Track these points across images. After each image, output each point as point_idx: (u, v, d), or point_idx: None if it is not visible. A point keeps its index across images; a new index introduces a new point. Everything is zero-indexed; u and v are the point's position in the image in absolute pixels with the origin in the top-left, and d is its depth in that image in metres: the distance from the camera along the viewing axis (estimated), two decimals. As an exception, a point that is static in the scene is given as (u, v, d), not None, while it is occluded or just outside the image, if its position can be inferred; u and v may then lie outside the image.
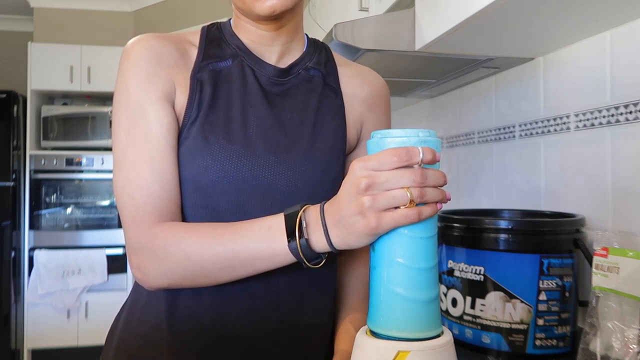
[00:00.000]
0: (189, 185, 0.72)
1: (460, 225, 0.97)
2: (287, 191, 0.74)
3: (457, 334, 0.97)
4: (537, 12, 0.98)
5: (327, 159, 0.78)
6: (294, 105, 0.78)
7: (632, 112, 1.03)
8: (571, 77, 1.21)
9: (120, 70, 0.73)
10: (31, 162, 3.47)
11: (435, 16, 1.15)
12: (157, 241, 0.67)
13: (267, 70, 0.79)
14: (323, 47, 0.87)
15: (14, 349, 3.39)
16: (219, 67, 0.77)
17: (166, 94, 0.72)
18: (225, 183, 0.71)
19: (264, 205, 0.73)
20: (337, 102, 0.82)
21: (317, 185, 0.76)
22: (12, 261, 3.40)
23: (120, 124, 0.71)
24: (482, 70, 1.46)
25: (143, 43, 0.73)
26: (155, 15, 3.95)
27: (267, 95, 0.78)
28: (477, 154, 1.64)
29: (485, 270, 0.93)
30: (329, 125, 0.80)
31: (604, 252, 0.88)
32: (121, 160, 0.70)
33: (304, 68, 0.82)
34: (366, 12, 1.69)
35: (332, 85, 0.83)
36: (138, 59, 0.72)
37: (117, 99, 0.73)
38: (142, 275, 0.68)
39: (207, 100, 0.74)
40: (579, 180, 1.17)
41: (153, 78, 0.72)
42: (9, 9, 4.18)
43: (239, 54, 0.78)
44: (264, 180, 0.73)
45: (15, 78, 4.12)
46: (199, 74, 0.75)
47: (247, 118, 0.75)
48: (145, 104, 0.71)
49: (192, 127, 0.73)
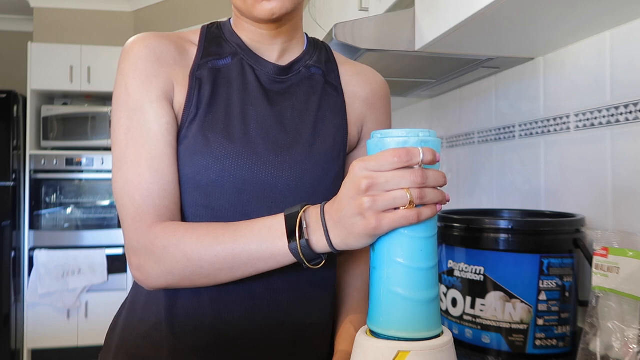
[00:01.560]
0: (189, 185, 0.72)
1: (460, 225, 0.97)
2: (288, 190, 0.74)
3: (457, 334, 0.97)
4: (537, 12, 0.98)
5: (328, 157, 0.77)
6: (294, 103, 0.78)
7: (632, 112, 1.03)
8: (571, 77, 1.21)
9: (119, 69, 0.73)
10: (31, 162, 3.47)
11: (435, 16, 1.15)
12: (157, 242, 0.66)
13: (268, 68, 0.78)
14: (323, 46, 0.87)
15: (14, 349, 3.39)
16: (219, 65, 0.77)
17: (165, 93, 0.72)
18: (226, 182, 0.71)
19: (264, 204, 0.73)
20: (338, 100, 0.82)
21: (318, 184, 0.76)
22: (12, 261, 3.40)
23: (120, 123, 0.71)
24: (482, 70, 1.46)
25: (142, 42, 0.73)
26: (155, 15, 3.95)
27: (268, 93, 0.77)
28: (477, 154, 1.64)
29: (485, 270, 0.93)
30: (330, 124, 0.79)
31: (604, 252, 0.88)
32: (120, 160, 0.70)
33: (305, 66, 0.81)
34: (366, 12, 1.69)
35: (333, 83, 0.83)
36: (138, 58, 0.72)
37: (117, 98, 0.72)
38: (141, 276, 0.68)
39: (206, 98, 0.74)
40: (579, 180, 1.17)
41: (152, 77, 0.72)
42: (9, 9, 4.18)
43: (238, 52, 0.78)
44: (264, 180, 0.73)
45: (15, 78, 4.12)
46: (198, 72, 0.75)
47: (248, 116, 0.74)
48: (144, 103, 0.70)
49: (191, 125, 0.73)
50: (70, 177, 3.51)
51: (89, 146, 3.56)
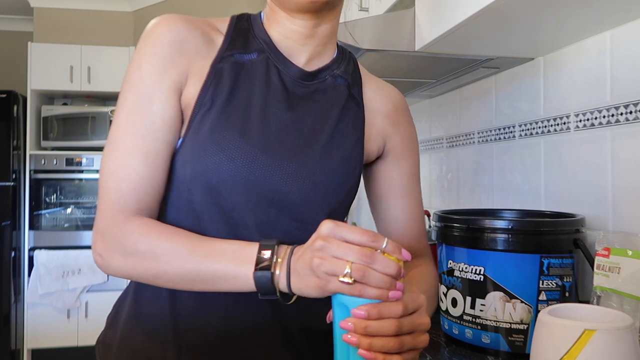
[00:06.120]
0: (199, 181, 0.71)
1: (460, 225, 0.97)
2: (299, 199, 0.73)
3: (457, 334, 0.97)
4: (537, 12, 0.98)
5: (343, 170, 0.77)
6: (316, 111, 0.77)
7: (632, 112, 1.03)
8: (571, 77, 1.21)
9: (138, 47, 0.71)
10: (31, 162, 3.47)
11: (435, 16, 1.15)
12: (131, 237, 0.66)
13: (293, 71, 0.76)
14: (351, 57, 0.85)
15: (14, 349, 3.39)
16: (242, 60, 0.75)
17: (177, 84, 0.71)
18: (236, 182, 0.70)
19: (274, 209, 0.72)
20: (359, 114, 0.81)
21: (331, 196, 0.75)
22: (12, 261, 3.40)
23: (125, 103, 0.69)
24: (482, 70, 1.46)
25: (168, 24, 0.71)
26: (155, 15, 3.94)
27: (290, 97, 0.76)
28: (477, 154, 1.64)
29: (485, 270, 0.93)
30: (349, 137, 0.79)
31: (606, 253, 0.88)
32: (116, 141, 0.69)
33: (332, 75, 0.80)
34: (366, 12, 1.69)
35: (355, 96, 0.82)
36: (159, 41, 0.70)
37: (129, 75, 0.70)
38: (102, 262, 0.68)
39: (225, 92, 0.72)
40: (579, 180, 1.17)
41: (169, 66, 0.70)
42: (9, 9, 4.18)
43: (265, 49, 0.76)
44: (276, 186, 0.72)
45: (15, 78, 4.12)
46: (219, 64, 0.73)
47: (267, 119, 0.73)
48: (154, 92, 0.69)
49: (204, 118, 0.71)
50: (70, 177, 3.51)
51: (89, 146, 3.56)
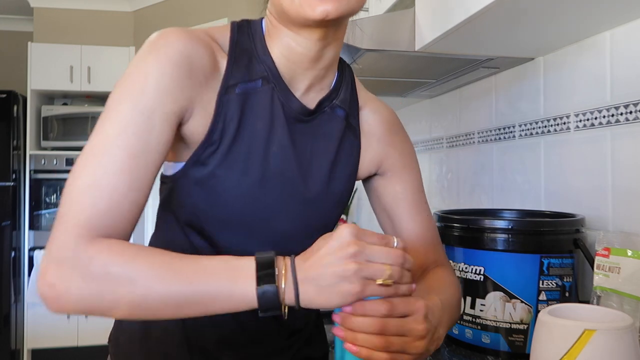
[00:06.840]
0: (190, 211, 0.72)
1: (460, 225, 0.97)
2: (289, 233, 0.75)
3: (457, 334, 0.97)
4: (537, 12, 0.98)
5: (334, 206, 0.78)
6: (313, 145, 0.76)
7: (632, 112, 1.03)
8: (571, 77, 1.21)
9: (143, 57, 0.64)
10: (31, 162, 3.47)
11: (435, 16, 1.15)
12: (99, 258, 0.56)
13: (295, 105, 0.74)
14: (350, 77, 0.83)
15: (14, 349, 3.39)
16: (247, 89, 0.71)
17: (181, 110, 0.66)
18: (233, 219, 0.71)
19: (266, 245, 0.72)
20: (355, 142, 0.81)
21: (316, 231, 0.72)
22: (12, 261, 3.40)
23: (119, 112, 0.62)
24: (482, 70, 1.46)
25: (179, 44, 0.65)
26: (155, 15, 3.95)
27: (292, 133, 0.74)
28: (477, 154, 1.64)
29: (485, 270, 0.93)
30: (344, 171, 0.79)
31: (606, 253, 0.88)
32: (100, 153, 0.61)
33: (331, 106, 0.78)
34: (366, 12, 1.69)
35: (352, 124, 0.81)
36: (169, 60, 0.64)
37: (130, 82, 0.63)
38: (53, 293, 0.56)
39: (232, 129, 0.69)
40: (579, 180, 1.17)
41: (177, 90, 0.64)
42: (9, 9, 4.18)
43: (270, 78, 0.72)
44: (273, 223, 0.73)
45: (15, 78, 4.12)
46: (225, 96, 0.69)
47: (269, 156, 0.72)
48: (156, 112, 0.63)
49: (212, 156, 0.69)
50: (70, 177, 3.51)
51: (89, 146, 3.55)
